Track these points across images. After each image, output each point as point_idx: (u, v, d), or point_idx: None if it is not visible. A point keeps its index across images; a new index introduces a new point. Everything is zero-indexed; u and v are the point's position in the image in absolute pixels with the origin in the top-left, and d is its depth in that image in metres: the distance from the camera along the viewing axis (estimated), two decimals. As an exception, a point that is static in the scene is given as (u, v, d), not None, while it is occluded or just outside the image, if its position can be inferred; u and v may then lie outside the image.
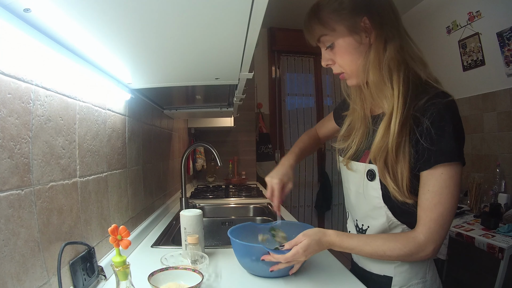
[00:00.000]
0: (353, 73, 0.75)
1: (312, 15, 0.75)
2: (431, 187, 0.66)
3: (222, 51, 0.74)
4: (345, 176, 0.86)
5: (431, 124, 0.65)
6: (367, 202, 0.77)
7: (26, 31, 0.51)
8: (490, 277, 1.73)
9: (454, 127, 0.64)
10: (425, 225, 0.67)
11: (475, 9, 2.35)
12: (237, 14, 0.53)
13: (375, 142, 0.70)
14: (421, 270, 0.76)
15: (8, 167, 0.50)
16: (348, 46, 0.72)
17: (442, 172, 0.65)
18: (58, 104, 0.66)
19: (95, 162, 0.83)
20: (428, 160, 0.66)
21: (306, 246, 0.73)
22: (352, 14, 0.70)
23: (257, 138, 3.27)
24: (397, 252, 0.68)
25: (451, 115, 0.65)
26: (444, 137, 0.64)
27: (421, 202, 0.68)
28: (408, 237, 0.68)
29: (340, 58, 0.74)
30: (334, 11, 0.71)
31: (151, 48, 0.69)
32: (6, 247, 0.49)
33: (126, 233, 0.61)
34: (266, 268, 0.79)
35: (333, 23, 0.72)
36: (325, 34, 0.73)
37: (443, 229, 0.67)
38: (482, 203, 2.20)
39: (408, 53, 0.71)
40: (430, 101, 0.66)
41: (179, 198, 1.58)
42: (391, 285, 0.77)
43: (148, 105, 1.37)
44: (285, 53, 3.62)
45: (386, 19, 0.71)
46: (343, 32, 0.71)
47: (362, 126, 0.80)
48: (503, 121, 2.23)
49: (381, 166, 0.70)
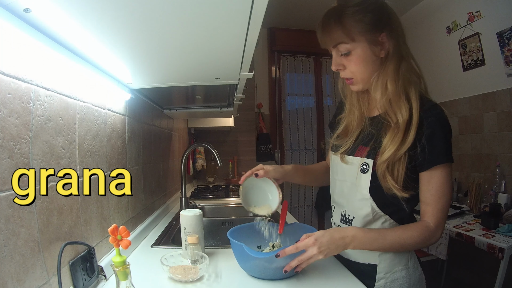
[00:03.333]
0: (363, 80, 0.81)
1: (335, 19, 0.77)
2: (434, 184, 0.75)
3: (222, 51, 0.74)
4: (339, 169, 0.90)
5: (430, 132, 0.74)
6: (358, 192, 0.83)
7: (26, 31, 0.51)
8: (490, 277, 1.73)
9: (447, 133, 0.75)
10: (434, 215, 0.76)
11: (475, 9, 2.35)
12: (237, 14, 0.53)
13: (390, 150, 0.75)
14: (404, 258, 0.82)
15: (8, 167, 0.50)
16: (365, 57, 0.78)
17: (441, 171, 0.75)
18: (58, 104, 0.66)
19: (95, 162, 0.83)
20: (429, 162, 0.75)
21: (316, 236, 0.75)
22: (373, 28, 0.76)
23: (257, 138, 3.27)
24: (415, 239, 0.76)
25: (444, 123, 0.75)
26: (441, 142, 0.74)
27: (426, 197, 0.77)
28: (422, 226, 0.76)
29: (355, 66, 0.79)
30: (359, 21, 0.75)
31: (151, 48, 0.69)
32: (6, 247, 0.49)
33: (126, 233, 0.61)
34: (273, 271, 0.79)
35: (355, 32, 0.76)
36: (345, 42, 0.77)
37: (446, 217, 0.78)
38: (482, 203, 2.20)
39: (414, 70, 0.81)
40: (428, 112, 0.75)
41: (179, 198, 1.58)
42: (377, 272, 0.82)
43: (148, 105, 1.37)
44: (285, 53, 3.62)
45: (400, 37, 0.79)
46: (363, 44, 0.77)
47: (359, 126, 0.87)
48: (503, 121, 2.23)
49: (383, 169, 0.76)
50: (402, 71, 0.78)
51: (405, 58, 0.79)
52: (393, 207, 0.80)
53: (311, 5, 2.70)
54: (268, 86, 3.58)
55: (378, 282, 0.82)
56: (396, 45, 0.77)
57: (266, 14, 0.53)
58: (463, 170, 2.59)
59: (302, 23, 3.19)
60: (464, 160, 2.58)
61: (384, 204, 0.80)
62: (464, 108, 2.57)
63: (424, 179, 0.77)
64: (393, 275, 0.81)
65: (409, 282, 0.81)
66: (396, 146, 0.75)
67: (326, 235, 0.75)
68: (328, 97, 3.73)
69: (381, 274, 0.82)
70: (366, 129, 0.85)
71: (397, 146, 0.75)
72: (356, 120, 0.87)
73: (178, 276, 0.80)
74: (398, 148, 0.75)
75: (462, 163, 2.61)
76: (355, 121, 0.88)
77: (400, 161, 0.75)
